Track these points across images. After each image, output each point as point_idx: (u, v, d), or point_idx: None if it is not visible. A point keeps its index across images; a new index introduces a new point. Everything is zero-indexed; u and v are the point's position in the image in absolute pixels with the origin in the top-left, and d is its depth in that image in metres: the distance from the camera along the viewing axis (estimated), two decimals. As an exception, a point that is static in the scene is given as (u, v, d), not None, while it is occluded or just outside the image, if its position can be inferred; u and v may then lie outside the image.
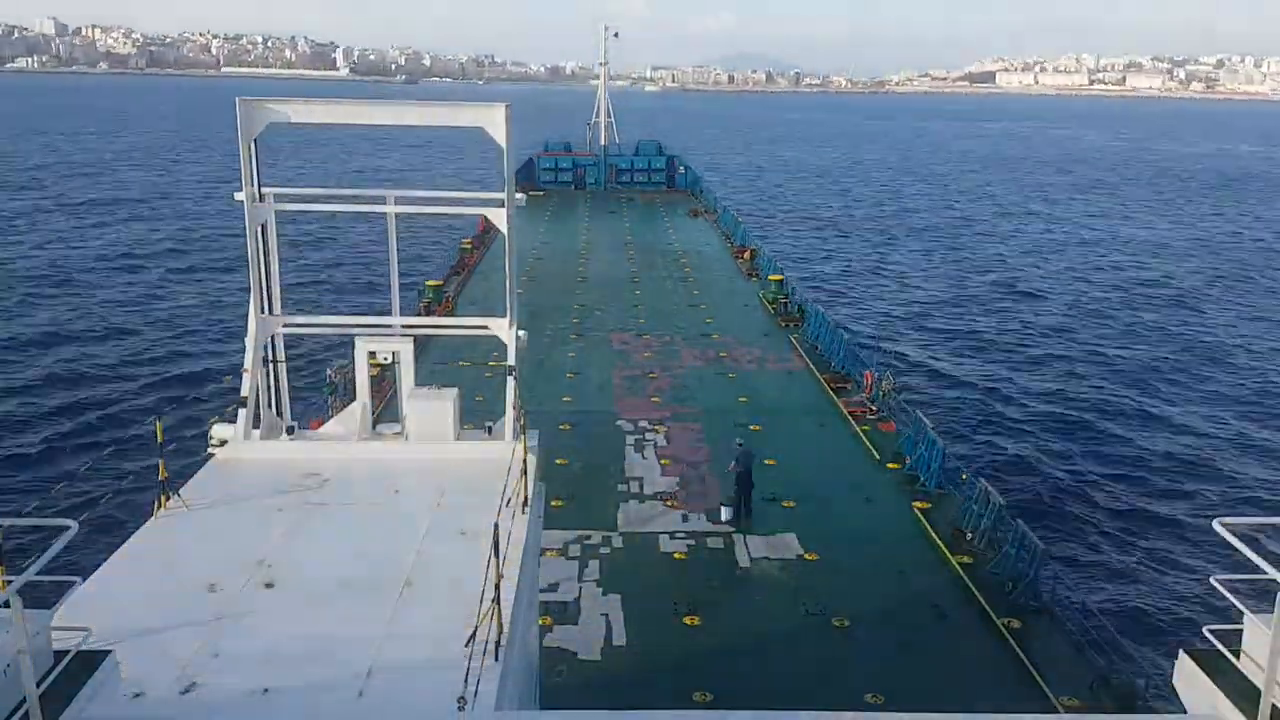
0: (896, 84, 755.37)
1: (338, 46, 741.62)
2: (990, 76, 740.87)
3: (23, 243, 76.07)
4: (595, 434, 27.68)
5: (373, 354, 14.54)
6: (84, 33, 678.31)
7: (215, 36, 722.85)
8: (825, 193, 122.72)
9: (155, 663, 8.24)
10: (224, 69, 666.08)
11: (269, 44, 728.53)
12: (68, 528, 6.48)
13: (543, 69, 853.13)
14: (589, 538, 21.42)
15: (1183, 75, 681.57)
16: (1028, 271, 73.73)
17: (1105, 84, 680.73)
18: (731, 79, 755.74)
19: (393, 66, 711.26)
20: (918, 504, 23.27)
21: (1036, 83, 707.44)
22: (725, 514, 22.32)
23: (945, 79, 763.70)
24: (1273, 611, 6.47)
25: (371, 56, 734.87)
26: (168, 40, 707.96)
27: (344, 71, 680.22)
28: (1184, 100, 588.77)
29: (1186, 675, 7.45)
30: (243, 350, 14.15)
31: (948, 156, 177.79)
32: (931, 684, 16.51)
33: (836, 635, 18.01)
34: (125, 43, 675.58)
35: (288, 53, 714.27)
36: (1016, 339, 54.08)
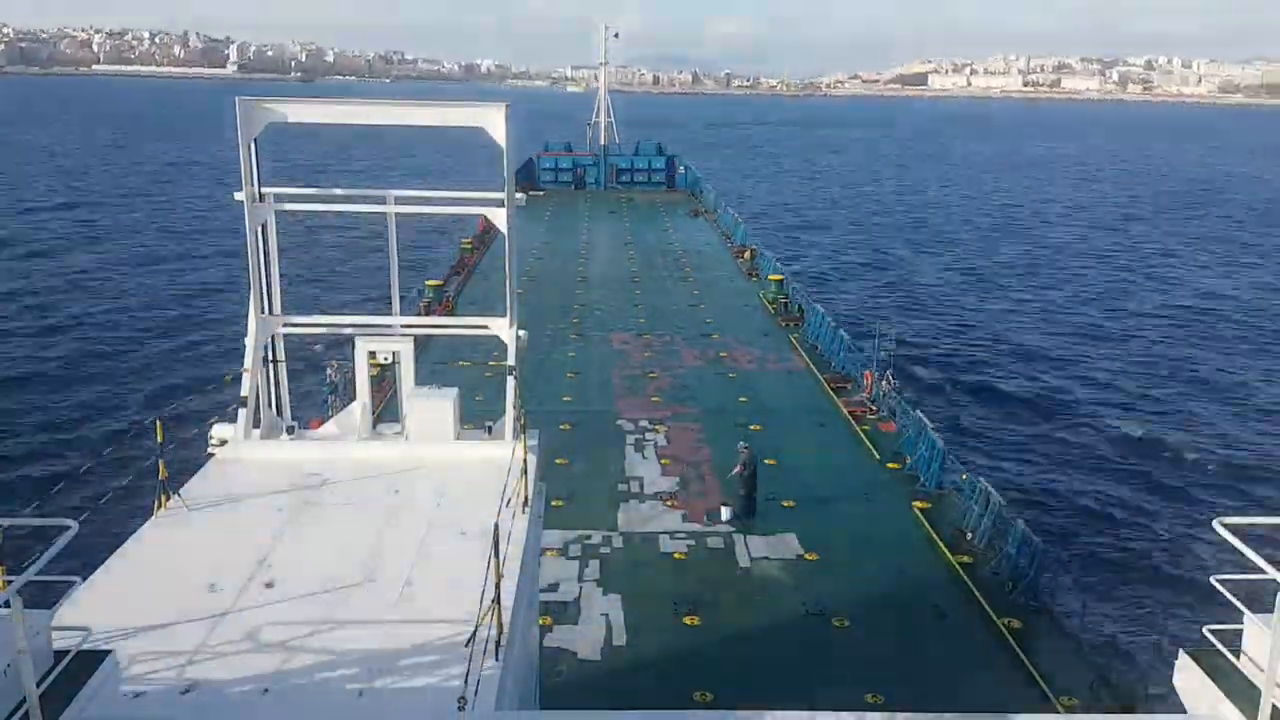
0: (828, 86, 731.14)
1: (233, 42, 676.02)
2: (922, 78, 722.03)
3: (23, 243, 76.16)
4: (595, 434, 27.68)
5: (373, 354, 14.53)
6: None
7: (98, 31, 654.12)
8: (825, 194, 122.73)
9: (155, 663, 8.24)
10: (100, 66, 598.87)
11: (157, 39, 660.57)
12: (68, 528, 6.48)
13: (457, 67, 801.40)
14: (589, 538, 21.42)
15: (1115, 77, 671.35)
16: (1028, 272, 73.75)
17: (1039, 86, 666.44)
18: (656, 80, 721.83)
19: (291, 63, 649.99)
20: (918, 504, 23.27)
21: (969, 84, 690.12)
22: (725, 514, 22.33)
23: (877, 80, 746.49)
24: (1273, 611, 6.46)
25: (269, 52, 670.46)
26: (43, 35, 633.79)
27: (231, 70, 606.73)
28: (1127, 104, 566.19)
29: (1186, 675, 7.45)
30: (243, 350, 14.15)
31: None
32: (931, 684, 16.51)
33: (836, 635, 18.00)
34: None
35: (177, 49, 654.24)
36: (1017, 339, 54.08)
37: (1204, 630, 7.34)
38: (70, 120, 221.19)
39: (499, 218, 14.30)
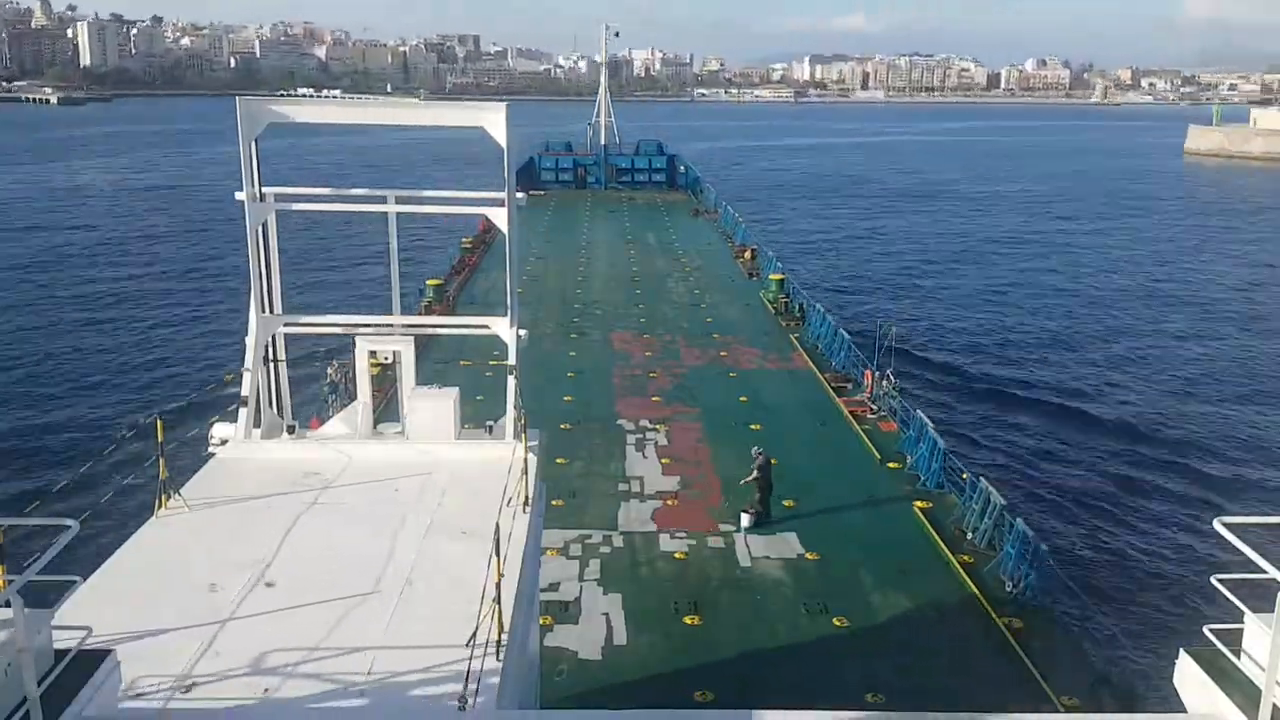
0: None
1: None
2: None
3: (22, 243, 76.17)
4: (595, 434, 27.68)
5: (373, 354, 14.53)
6: None
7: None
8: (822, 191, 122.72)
9: (155, 663, 8.24)
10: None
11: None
12: (68, 528, 6.47)
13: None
14: (589, 537, 21.41)
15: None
16: (1029, 272, 73.71)
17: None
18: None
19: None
20: (918, 504, 23.26)
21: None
22: (745, 521, 22.04)
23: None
24: (1273, 611, 6.46)
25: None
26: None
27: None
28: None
29: (1187, 675, 7.44)
30: (243, 350, 14.15)
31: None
32: (931, 684, 16.50)
33: (836, 635, 18.00)
34: None
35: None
36: (1018, 339, 54.06)
37: (1204, 630, 7.34)
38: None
39: (499, 217, 14.30)
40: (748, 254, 53.44)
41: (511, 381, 13.94)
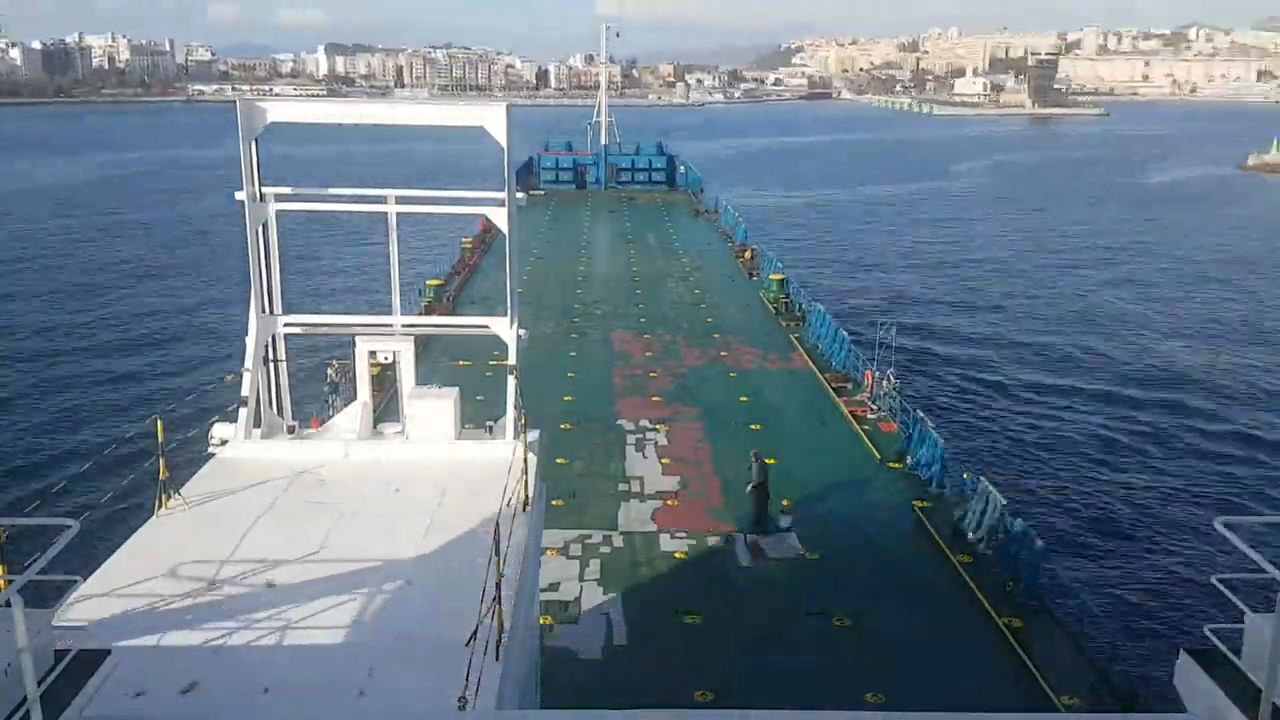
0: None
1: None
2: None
3: (22, 243, 76.15)
4: (595, 434, 27.68)
5: (373, 354, 14.52)
6: None
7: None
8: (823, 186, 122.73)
9: (155, 662, 8.23)
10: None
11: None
12: (68, 527, 6.47)
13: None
14: (589, 537, 21.41)
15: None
16: (1029, 272, 73.72)
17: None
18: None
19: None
20: (918, 504, 23.25)
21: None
22: (785, 522, 21.99)
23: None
24: (1273, 611, 6.45)
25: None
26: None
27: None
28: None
29: (1187, 675, 7.43)
30: (243, 350, 14.14)
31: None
32: (931, 684, 16.50)
33: (836, 635, 17.99)
34: None
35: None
36: (1018, 339, 54.08)
37: (1204, 629, 7.33)
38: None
39: (499, 217, 14.29)
40: (748, 254, 53.43)
41: (511, 381, 13.94)
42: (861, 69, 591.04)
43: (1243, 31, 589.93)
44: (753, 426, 28.18)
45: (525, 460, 12.21)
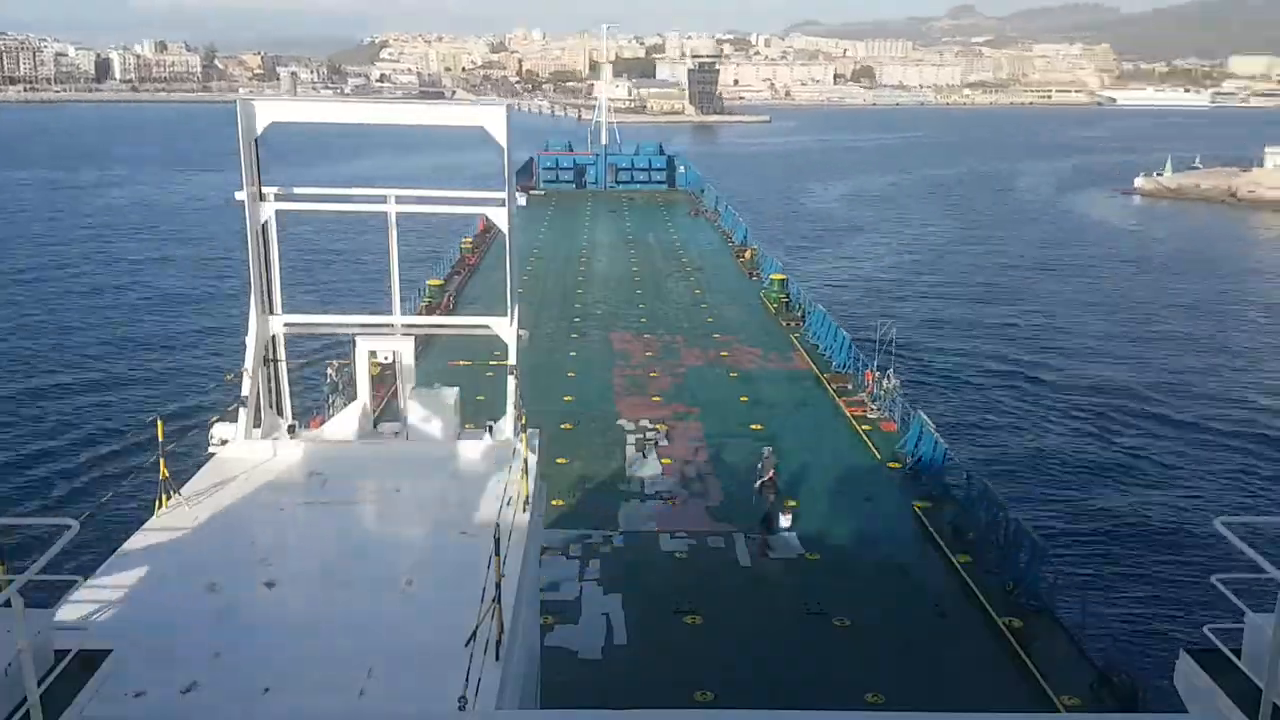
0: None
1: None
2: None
3: (22, 243, 76.13)
4: (595, 434, 27.67)
5: (373, 353, 14.52)
6: None
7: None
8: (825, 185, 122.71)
9: (155, 662, 8.23)
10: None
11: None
12: (68, 528, 6.47)
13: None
14: (589, 537, 21.41)
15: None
16: (1030, 271, 73.71)
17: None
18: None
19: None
20: (918, 504, 23.24)
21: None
22: (784, 521, 21.70)
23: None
24: (1273, 611, 6.45)
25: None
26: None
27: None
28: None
29: (1187, 675, 7.43)
30: (243, 350, 14.14)
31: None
32: (931, 684, 16.49)
33: (837, 635, 17.99)
34: None
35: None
36: (1018, 339, 54.07)
37: (1204, 630, 7.33)
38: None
39: (499, 217, 14.29)
40: (748, 254, 53.44)
41: (511, 381, 13.94)
42: (464, 68, 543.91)
43: (796, 37, 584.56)
44: (753, 426, 28.17)
45: (525, 460, 12.20)
